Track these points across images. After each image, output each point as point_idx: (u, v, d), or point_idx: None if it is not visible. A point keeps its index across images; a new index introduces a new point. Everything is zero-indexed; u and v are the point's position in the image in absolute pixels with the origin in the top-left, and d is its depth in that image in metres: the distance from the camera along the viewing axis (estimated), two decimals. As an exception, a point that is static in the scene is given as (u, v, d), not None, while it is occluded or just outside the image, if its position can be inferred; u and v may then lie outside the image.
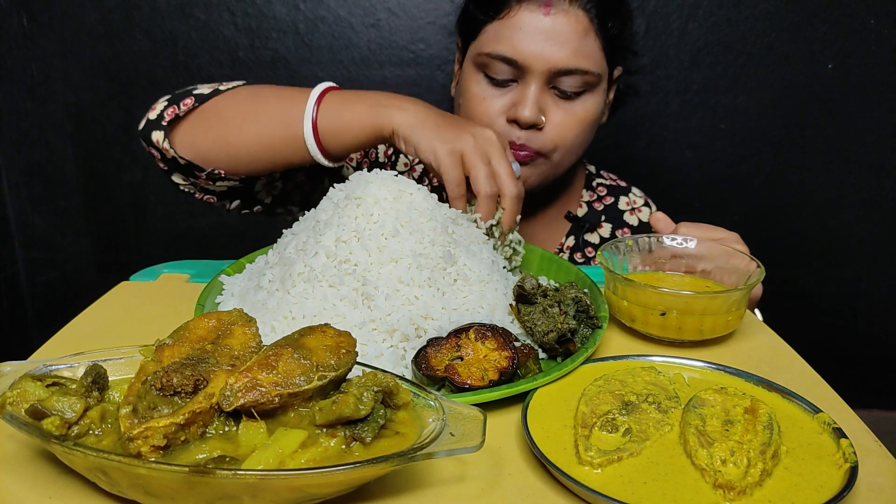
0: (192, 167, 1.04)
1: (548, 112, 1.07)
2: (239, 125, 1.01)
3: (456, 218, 0.84)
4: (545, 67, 1.04)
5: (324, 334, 0.54)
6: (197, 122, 1.03)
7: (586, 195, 1.31)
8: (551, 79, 1.06)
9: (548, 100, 1.07)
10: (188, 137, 1.03)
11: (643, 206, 1.32)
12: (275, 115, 0.99)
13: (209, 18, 1.72)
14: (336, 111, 0.96)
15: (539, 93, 1.06)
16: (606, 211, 1.30)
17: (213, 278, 0.83)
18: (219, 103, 1.03)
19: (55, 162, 1.87)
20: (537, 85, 1.05)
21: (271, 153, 1.01)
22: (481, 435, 0.50)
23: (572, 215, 1.28)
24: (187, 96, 1.03)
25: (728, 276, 0.84)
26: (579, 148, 1.14)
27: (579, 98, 1.08)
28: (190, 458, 0.47)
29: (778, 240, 1.88)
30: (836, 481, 0.52)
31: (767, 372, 0.70)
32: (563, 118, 1.08)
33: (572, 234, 1.28)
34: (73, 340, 0.76)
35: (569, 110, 1.08)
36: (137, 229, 1.95)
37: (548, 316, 0.72)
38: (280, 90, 1.03)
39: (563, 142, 1.09)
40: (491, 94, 1.09)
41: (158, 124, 1.02)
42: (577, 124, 1.09)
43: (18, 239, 1.95)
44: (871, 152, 1.79)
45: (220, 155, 1.02)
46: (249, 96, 1.03)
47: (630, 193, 1.33)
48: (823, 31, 1.69)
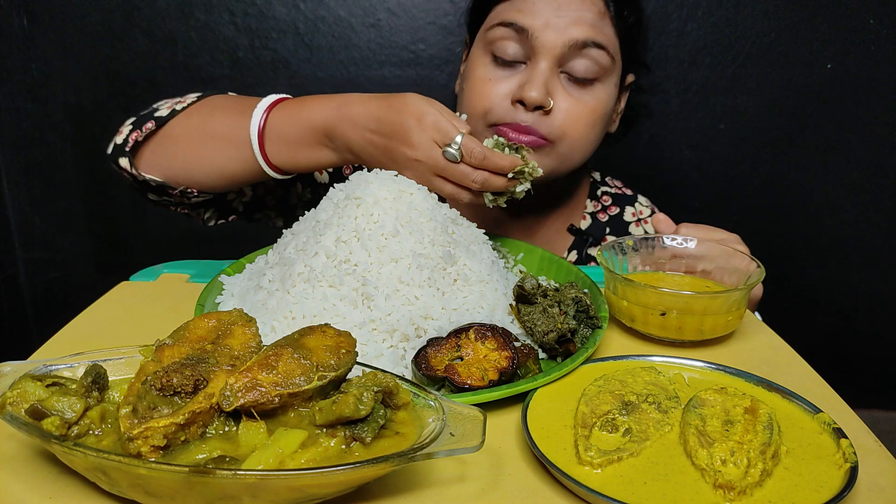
0: (165, 186, 1.02)
1: (556, 97, 1.00)
2: (194, 150, 0.99)
3: (456, 218, 0.84)
4: (559, 41, 0.98)
5: (324, 334, 0.54)
6: (157, 146, 1.01)
7: (590, 205, 1.25)
8: (562, 60, 0.99)
9: (557, 84, 1.01)
10: (152, 162, 1.02)
11: (650, 217, 1.26)
12: (224, 135, 0.97)
13: (209, 18, 1.72)
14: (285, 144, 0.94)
15: (549, 74, 0.99)
16: (611, 222, 1.23)
17: (213, 278, 0.83)
18: (174, 127, 1.01)
19: (55, 162, 1.87)
20: (548, 64, 0.99)
21: (234, 179, 1.00)
22: (481, 435, 0.50)
23: (575, 228, 1.21)
24: (149, 119, 1.01)
25: (728, 276, 0.84)
26: (588, 144, 1.06)
27: (591, 86, 1.02)
28: (190, 458, 0.47)
29: (778, 240, 1.88)
30: (836, 481, 0.52)
31: (767, 372, 0.70)
32: (573, 105, 1.01)
33: (575, 249, 1.21)
34: (73, 340, 0.76)
35: (579, 98, 1.01)
36: (137, 229, 1.95)
37: (548, 316, 0.72)
38: (230, 107, 1.00)
39: (571, 130, 1.01)
40: (497, 75, 1.02)
41: (123, 150, 1.01)
42: (586, 113, 1.02)
43: (18, 239, 1.95)
44: (870, 152, 1.79)
45: (184, 178, 1.01)
46: (201, 121, 1.00)
47: (636, 203, 1.26)
48: (823, 31, 1.69)
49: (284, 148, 0.94)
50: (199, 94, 1.05)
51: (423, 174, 0.86)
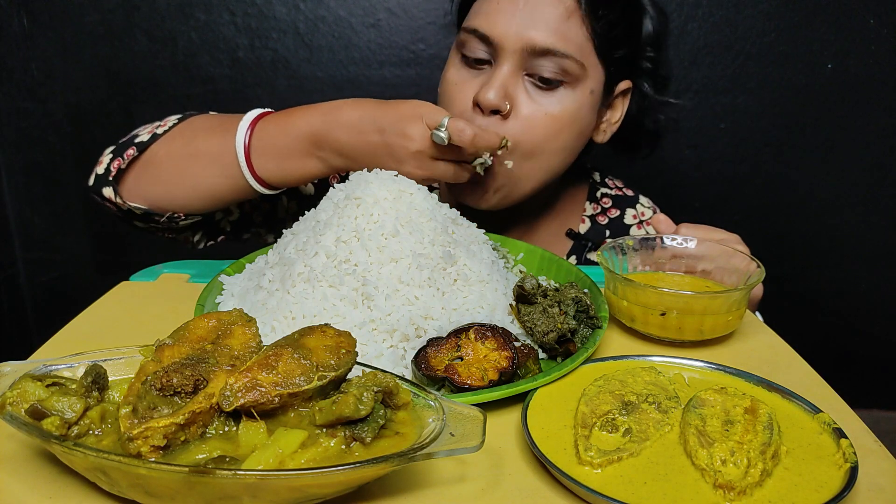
0: (150, 214, 1.00)
1: (516, 102, 0.96)
2: (180, 172, 0.97)
3: (456, 218, 0.84)
4: (518, 45, 0.94)
5: (324, 334, 0.54)
6: (141, 172, 0.99)
7: (589, 208, 1.21)
8: (526, 61, 0.95)
9: (520, 88, 0.96)
10: (136, 189, 0.99)
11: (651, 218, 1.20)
12: (209, 157, 0.96)
13: (209, 18, 1.72)
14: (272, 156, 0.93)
15: (510, 77, 0.95)
16: (611, 225, 1.20)
17: (213, 278, 0.83)
18: (157, 151, 0.98)
19: (55, 162, 1.87)
20: (509, 67, 0.95)
21: (220, 198, 0.98)
22: (481, 435, 0.50)
23: (573, 232, 1.18)
24: (129, 146, 0.99)
25: (728, 276, 0.84)
26: (551, 155, 1.00)
27: (554, 92, 0.97)
28: (190, 458, 0.47)
29: (778, 240, 1.88)
30: (836, 481, 0.52)
31: (767, 372, 0.70)
32: (531, 111, 0.96)
33: (574, 254, 1.18)
34: (73, 340, 0.76)
35: (540, 103, 0.96)
36: (137, 229, 1.94)
37: (548, 316, 0.72)
38: (213, 126, 0.98)
39: (527, 137, 0.96)
40: (463, 76, 1.01)
41: (106, 179, 0.98)
42: (547, 121, 0.96)
43: (18, 239, 1.95)
44: (870, 152, 1.79)
45: (170, 202, 0.99)
46: (183, 143, 0.98)
47: (638, 204, 1.22)
48: (823, 31, 1.69)
49: (272, 161, 0.93)
50: (179, 116, 1.03)
51: (424, 163, 0.87)
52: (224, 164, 0.94)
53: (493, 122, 0.97)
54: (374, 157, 0.89)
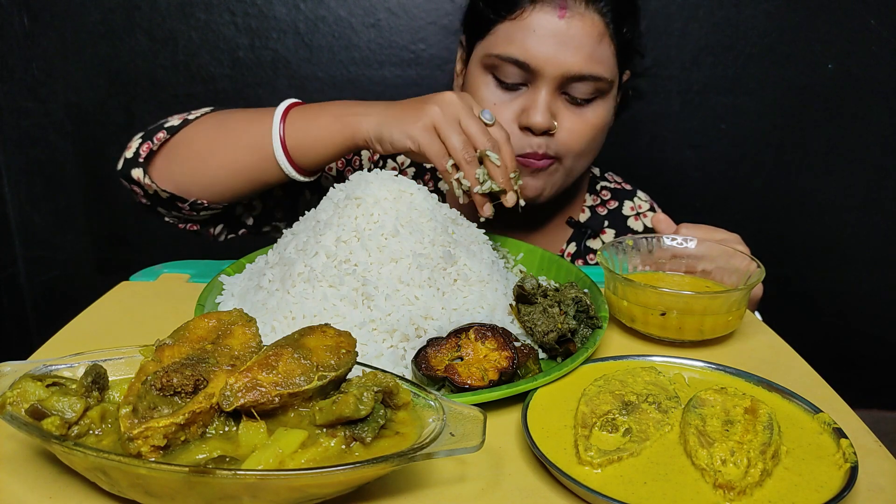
0: (175, 199, 1.03)
1: (559, 117, 1.05)
2: (210, 155, 1.00)
3: (456, 218, 0.84)
4: (558, 72, 1.01)
5: (324, 334, 0.54)
6: (171, 154, 1.02)
7: (589, 199, 1.28)
8: (563, 84, 1.03)
9: (559, 105, 1.05)
10: (165, 171, 1.02)
11: (648, 211, 1.28)
12: (243, 140, 0.98)
13: (209, 18, 1.72)
14: (302, 127, 0.95)
15: (550, 98, 1.03)
16: (610, 216, 1.26)
17: (213, 278, 0.83)
18: (188, 134, 1.02)
19: (55, 161, 1.87)
20: (548, 90, 1.02)
21: (247, 178, 1.01)
22: (481, 435, 0.50)
23: (574, 221, 1.24)
24: (159, 130, 1.02)
25: (728, 276, 0.84)
26: (591, 154, 1.12)
27: (590, 104, 1.06)
28: (190, 458, 0.47)
29: (778, 240, 1.88)
30: (836, 481, 0.52)
31: (767, 372, 0.70)
32: (574, 124, 1.06)
33: (574, 241, 1.25)
34: (73, 340, 0.76)
35: (580, 115, 1.06)
36: (137, 229, 1.95)
37: (548, 316, 0.72)
38: (246, 114, 1.02)
39: (575, 145, 1.07)
40: (501, 98, 1.06)
41: (136, 162, 1.01)
42: (588, 130, 1.07)
43: (18, 238, 1.95)
44: (871, 152, 1.79)
45: (197, 185, 1.02)
46: (216, 124, 1.02)
47: (635, 198, 1.29)
48: (823, 31, 1.69)
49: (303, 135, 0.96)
50: (212, 108, 1.07)
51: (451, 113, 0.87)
52: (256, 143, 0.97)
53: (544, 140, 1.05)
54: (403, 113, 0.90)
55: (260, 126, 0.97)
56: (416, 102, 0.91)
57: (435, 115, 0.87)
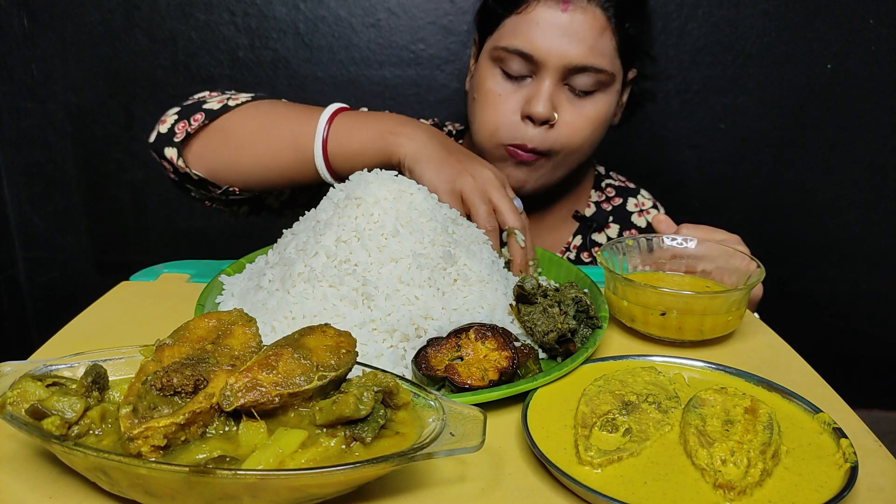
0: (206, 182, 1.05)
1: (560, 109, 1.07)
2: (250, 146, 1.01)
3: (456, 218, 0.84)
4: (560, 63, 1.04)
5: (324, 334, 0.54)
6: (208, 140, 1.03)
7: (595, 195, 1.32)
8: (565, 76, 1.06)
9: (561, 97, 1.07)
10: (200, 155, 1.04)
11: (651, 208, 1.32)
12: (285, 137, 1.00)
13: (209, 18, 1.72)
14: (346, 136, 0.97)
15: (553, 89, 1.06)
16: (615, 212, 1.30)
17: (213, 278, 0.83)
18: (230, 121, 1.03)
19: (55, 162, 1.87)
20: (551, 81, 1.05)
21: (282, 173, 1.02)
22: (481, 435, 0.50)
23: (580, 215, 1.28)
24: (197, 111, 1.03)
25: (728, 276, 0.84)
26: (588, 148, 1.14)
27: (591, 97, 1.08)
28: (190, 458, 0.47)
29: (778, 240, 1.88)
30: (836, 481, 0.52)
31: (767, 372, 0.70)
32: (574, 117, 1.08)
33: (580, 234, 1.28)
34: (73, 340, 0.76)
35: (580, 109, 1.08)
36: (137, 229, 1.95)
37: (548, 316, 0.72)
38: (290, 110, 1.03)
39: (572, 140, 1.09)
40: (506, 89, 1.09)
41: (171, 140, 1.02)
42: (587, 124, 1.09)
43: (18, 239, 1.95)
44: (871, 152, 1.79)
45: (231, 174, 1.04)
46: (259, 116, 1.03)
47: (639, 195, 1.33)
48: (823, 31, 1.69)
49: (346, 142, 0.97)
50: (252, 95, 1.08)
51: (484, 186, 0.91)
52: (298, 144, 0.98)
53: (541, 132, 1.07)
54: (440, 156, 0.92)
55: (304, 127, 0.98)
56: (457, 158, 0.93)
57: (466, 184, 0.90)
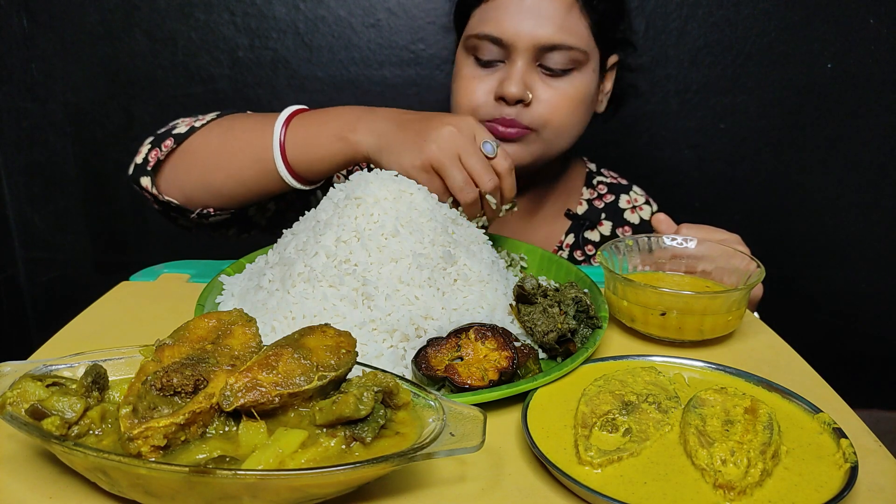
0: (183, 209, 1.05)
1: (535, 89, 1.08)
2: (216, 165, 1.01)
3: (456, 218, 0.84)
4: (529, 44, 1.05)
5: (324, 334, 0.54)
6: (177, 163, 1.03)
7: (586, 193, 1.32)
8: (537, 56, 1.06)
9: (535, 77, 1.08)
10: (171, 181, 1.04)
11: (644, 205, 1.32)
12: (246, 150, 0.99)
13: (209, 18, 1.72)
14: (304, 143, 0.95)
15: (525, 70, 1.06)
16: (607, 209, 1.30)
17: (213, 278, 0.83)
18: (194, 143, 1.03)
19: (55, 162, 1.87)
20: (523, 62, 1.06)
21: (251, 187, 1.02)
22: (481, 435, 0.50)
23: (572, 213, 1.29)
24: (167, 137, 1.03)
25: (728, 276, 0.84)
26: (572, 128, 1.13)
27: (566, 76, 1.08)
28: (190, 458, 0.47)
29: (778, 240, 1.88)
30: (836, 481, 0.52)
31: (767, 372, 0.70)
32: (552, 95, 1.08)
33: (572, 232, 1.28)
34: (73, 340, 0.76)
35: (556, 87, 1.08)
36: (137, 229, 1.95)
37: (548, 316, 0.72)
38: (249, 121, 1.02)
39: (552, 117, 1.09)
40: (479, 74, 1.10)
41: (144, 169, 1.02)
42: (565, 102, 1.09)
43: (18, 239, 1.95)
44: (870, 152, 1.79)
45: (204, 194, 1.03)
46: (221, 132, 1.02)
47: (631, 191, 1.33)
48: (823, 31, 1.69)
49: (304, 147, 0.96)
50: (218, 113, 1.07)
51: (450, 148, 0.86)
52: (258, 155, 0.98)
53: (518, 109, 1.07)
54: (404, 137, 0.89)
55: (261, 138, 0.97)
56: (414, 130, 0.89)
57: (432, 154, 0.86)
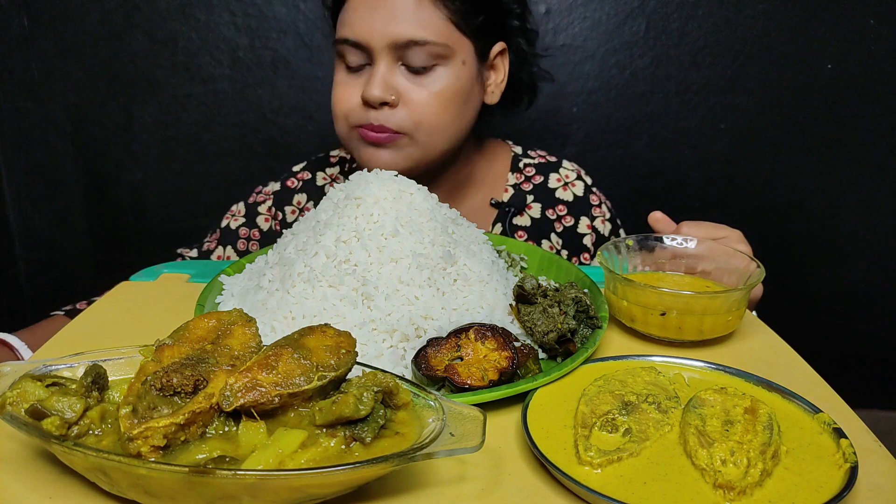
0: None
1: (400, 90, 1.05)
2: None
3: (456, 218, 0.84)
4: (383, 43, 1.03)
5: (324, 334, 0.54)
6: None
7: (512, 178, 1.27)
8: (398, 55, 1.04)
9: (400, 78, 1.05)
10: None
11: (577, 180, 1.28)
12: None
13: (209, 18, 1.72)
14: None
15: (387, 71, 1.04)
16: (535, 190, 1.26)
17: (213, 278, 0.83)
18: None
19: (55, 162, 1.87)
20: (385, 63, 1.04)
21: None
22: (481, 435, 0.50)
23: (496, 201, 1.24)
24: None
25: (728, 276, 0.84)
26: (447, 126, 1.09)
27: (431, 72, 1.05)
28: (190, 458, 0.47)
29: (778, 240, 1.88)
30: (836, 481, 0.52)
31: (767, 372, 0.70)
32: (417, 95, 1.05)
33: (498, 221, 1.24)
34: (73, 340, 0.76)
35: (423, 85, 1.05)
36: (137, 229, 1.95)
37: (548, 316, 0.72)
38: None
39: (422, 118, 1.05)
40: (348, 79, 1.09)
41: None
42: (433, 100, 1.05)
43: (18, 239, 1.95)
44: (870, 152, 1.79)
45: None
46: None
47: (561, 168, 1.29)
48: (823, 31, 1.69)
49: None
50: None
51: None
52: None
53: (384, 113, 1.05)
54: None
55: None
56: None
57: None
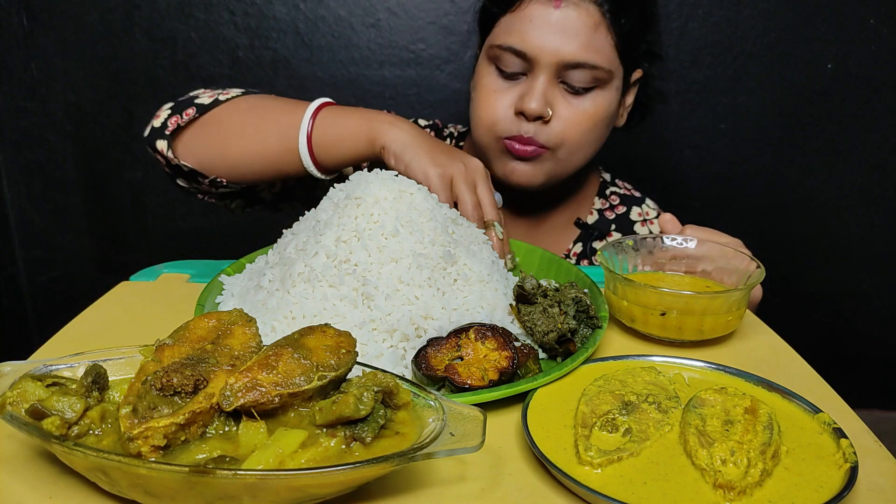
0: (196, 174, 1.06)
1: (555, 106, 1.07)
2: (238, 137, 1.03)
3: (456, 218, 0.84)
4: (553, 60, 1.04)
5: (324, 334, 0.54)
6: (198, 132, 1.05)
7: (598, 203, 1.30)
8: (560, 72, 1.05)
9: (556, 94, 1.07)
10: (190, 147, 1.06)
11: (655, 218, 1.30)
12: (271, 128, 1.01)
13: (209, 18, 1.72)
14: (330, 123, 0.98)
15: (547, 86, 1.05)
16: (617, 220, 1.29)
17: (213, 278, 0.83)
18: (219, 114, 1.05)
19: (55, 161, 1.87)
20: (545, 77, 1.05)
21: (268, 164, 1.04)
22: (481, 435, 0.50)
23: (582, 222, 1.27)
24: (189, 105, 1.05)
25: (728, 276, 0.84)
26: (588, 146, 1.12)
27: (588, 94, 1.07)
28: (190, 458, 0.47)
29: (778, 240, 1.88)
30: (836, 481, 0.52)
31: (767, 372, 0.70)
32: (571, 113, 1.07)
33: (580, 241, 1.27)
34: (73, 340, 0.76)
35: (577, 106, 1.07)
36: (137, 229, 1.95)
37: (548, 316, 0.72)
38: (278, 103, 1.05)
39: (569, 137, 1.08)
40: (501, 86, 1.09)
41: (162, 133, 1.05)
42: (584, 120, 1.08)
43: (18, 238, 1.95)
44: (871, 152, 1.79)
45: (220, 165, 1.05)
46: (248, 108, 1.05)
47: (643, 204, 1.32)
48: (823, 31, 1.69)
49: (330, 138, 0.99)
50: (243, 91, 1.09)
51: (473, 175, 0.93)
52: (284, 133, 1.00)
53: (537, 127, 1.07)
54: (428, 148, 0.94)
55: (290, 117, 1.00)
56: (445, 148, 0.95)
57: (456, 170, 0.92)
